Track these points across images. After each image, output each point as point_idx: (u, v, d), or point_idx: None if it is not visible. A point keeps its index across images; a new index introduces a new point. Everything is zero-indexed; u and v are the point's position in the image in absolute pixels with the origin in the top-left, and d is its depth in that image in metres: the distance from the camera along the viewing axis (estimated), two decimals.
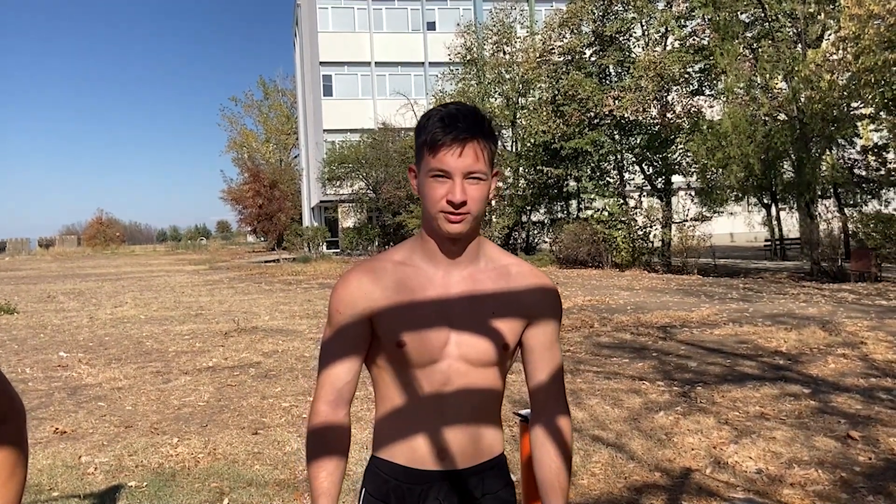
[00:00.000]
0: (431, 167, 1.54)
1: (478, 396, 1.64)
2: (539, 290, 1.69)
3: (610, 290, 16.57)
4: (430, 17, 45.03)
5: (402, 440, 1.64)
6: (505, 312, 1.64)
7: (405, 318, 1.60)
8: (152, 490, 4.61)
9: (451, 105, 1.58)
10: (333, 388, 1.62)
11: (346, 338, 1.63)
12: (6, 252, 70.81)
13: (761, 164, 18.80)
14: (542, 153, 27.12)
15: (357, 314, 1.61)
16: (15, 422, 1.43)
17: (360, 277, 1.64)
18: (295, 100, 62.52)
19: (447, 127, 1.52)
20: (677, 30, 22.91)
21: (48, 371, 8.85)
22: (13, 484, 1.40)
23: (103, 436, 5.92)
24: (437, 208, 1.55)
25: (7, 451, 1.39)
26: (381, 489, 1.65)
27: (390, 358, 1.63)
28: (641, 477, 4.58)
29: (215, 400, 7.10)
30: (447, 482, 1.63)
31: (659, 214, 23.84)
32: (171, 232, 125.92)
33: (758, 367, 7.83)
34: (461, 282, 1.64)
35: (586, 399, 6.56)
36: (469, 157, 1.52)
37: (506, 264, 1.69)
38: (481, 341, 1.61)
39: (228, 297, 17.86)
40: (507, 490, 1.72)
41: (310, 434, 1.62)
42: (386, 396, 1.66)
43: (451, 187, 1.53)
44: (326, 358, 1.65)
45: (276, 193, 53.54)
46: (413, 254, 1.67)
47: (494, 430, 1.72)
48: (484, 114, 1.60)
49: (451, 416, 1.62)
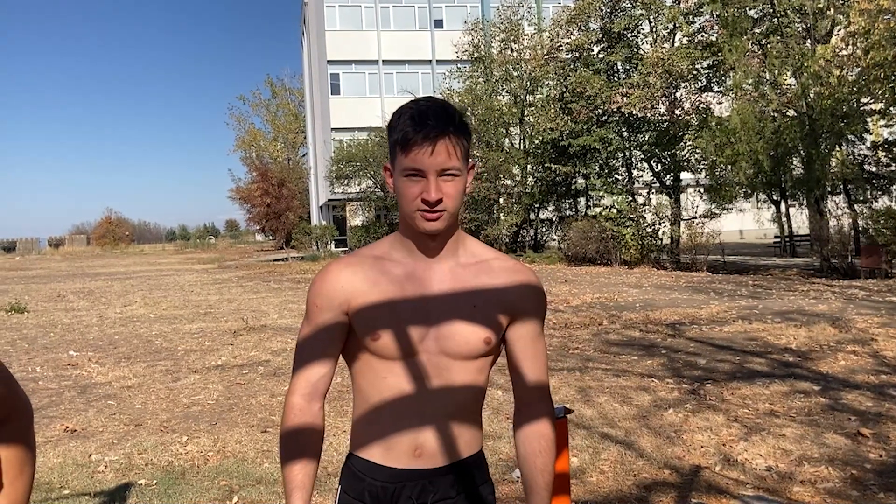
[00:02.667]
0: (405, 166, 1.52)
1: (458, 392, 1.62)
2: (522, 285, 1.67)
3: (619, 287, 16.53)
4: (438, 14, 45.00)
5: (378, 437, 1.62)
6: (486, 306, 1.62)
7: (382, 312, 1.58)
8: (162, 488, 4.63)
9: (422, 101, 1.56)
10: (308, 382, 1.62)
11: (322, 331, 1.62)
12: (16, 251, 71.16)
13: (770, 160, 18.74)
14: (551, 150, 27.09)
15: (334, 307, 1.61)
16: (22, 420, 1.43)
17: (338, 271, 1.63)
18: (302, 98, 62.58)
19: (417, 125, 1.50)
20: (685, 26, 22.84)
21: (58, 370, 8.89)
22: (22, 481, 1.40)
23: (113, 434, 5.95)
24: (413, 207, 1.54)
25: (15, 449, 1.40)
26: (357, 488, 1.64)
27: (367, 352, 1.61)
28: (651, 474, 4.57)
29: (224, 398, 7.11)
30: (422, 481, 1.61)
31: (668, 211, 23.78)
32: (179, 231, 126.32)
33: (767, 364, 7.80)
34: (441, 276, 1.62)
35: (595, 396, 6.55)
36: (441, 155, 1.50)
37: (487, 258, 1.68)
38: (462, 335, 1.59)
39: (237, 295, 17.90)
40: (484, 487, 1.70)
41: (284, 427, 1.61)
42: (363, 392, 1.64)
43: (425, 186, 1.51)
44: (302, 351, 1.65)
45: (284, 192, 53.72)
46: (392, 249, 1.66)
47: (474, 428, 1.70)
48: (455, 108, 1.57)
49: (430, 413, 1.60)
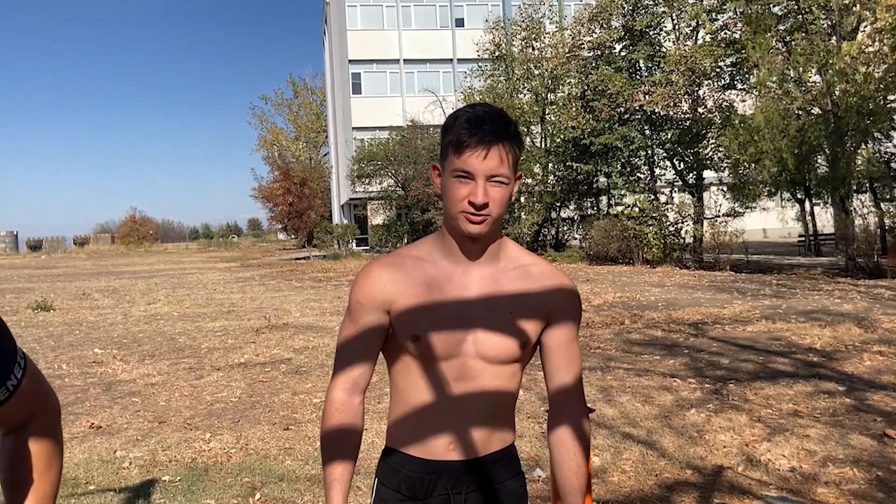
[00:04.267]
0: (455, 167, 1.56)
1: (493, 394, 1.66)
2: (558, 290, 1.70)
3: (641, 286, 16.45)
4: (459, 13, 45.00)
5: (415, 433, 1.68)
6: (523, 311, 1.65)
7: (422, 313, 1.62)
8: (186, 484, 4.67)
9: (479, 106, 1.59)
10: (350, 377, 1.66)
11: (363, 328, 1.67)
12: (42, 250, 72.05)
13: (795, 158, 18.54)
14: (572, 149, 26.99)
15: (376, 306, 1.65)
16: (49, 415, 1.46)
17: (380, 270, 1.68)
18: (324, 98, 62.81)
19: (473, 129, 1.53)
20: (708, 23, 22.66)
21: (83, 367, 8.99)
22: (50, 476, 1.43)
23: (137, 431, 6.01)
24: (459, 208, 1.57)
25: (43, 444, 1.42)
26: (393, 479, 1.69)
27: (406, 351, 1.66)
28: (673, 474, 4.55)
29: (247, 396, 7.16)
30: (457, 472, 1.66)
31: (690, 210, 23.62)
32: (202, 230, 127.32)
33: (791, 364, 7.73)
34: (480, 280, 1.66)
35: (617, 396, 6.53)
36: (493, 160, 1.54)
37: (526, 264, 1.71)
38: (499, 339, 1.63)
39: (259, 294, 18.01)
40: (516, 480, 1.74)
41: (325, 422, 1.66)
42: (400, 389, 1.69)
43: (473, 188, 1.55)
44: (344, 347, 1.70)
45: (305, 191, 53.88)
46: (433, 250, 1.69)
47: (506, 425, 1.74)
48: (510, 117, 1.61)
49: (465, 412, 1.65)
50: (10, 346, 1.30)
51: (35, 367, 1.40)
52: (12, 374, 1.30)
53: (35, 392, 1.38)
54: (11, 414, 1.35)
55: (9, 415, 1.35)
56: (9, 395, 1.30)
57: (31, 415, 1.40)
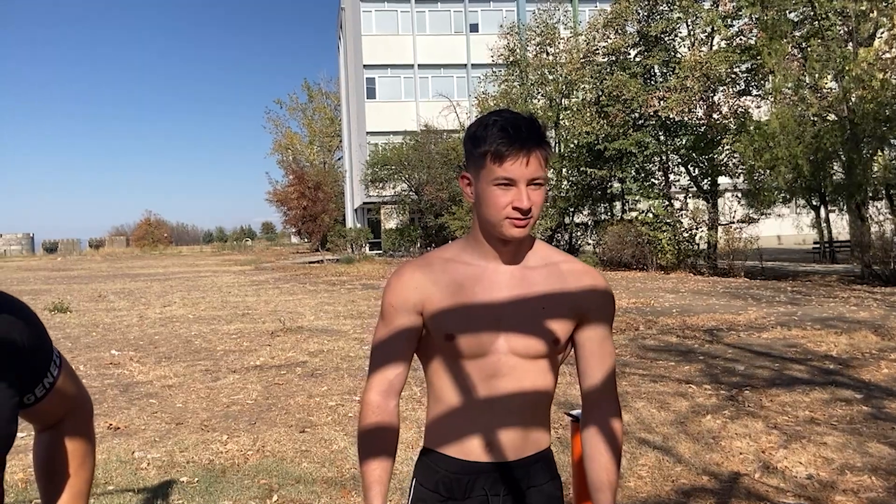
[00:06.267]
0: (497, 176, 1.58)
1: (527, 390, 1.67)
2: (590, 288, 1.71)
3: (655, 292, 16.41)
4: (473, 18, 45.06)
5: (452, 433, 1.70)
6: (555, 308, 1.67)
7: (455, 312, 1.65)
8: (203, 486, 4.70)
9: (506, 113, 1.63)
10: (385, 379, 1.68)
11: (397, 330, 1.69)
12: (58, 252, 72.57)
13: (810, 165, 18.46)
14: (586, 154, 26.95)
15: (409, 308, 1.68)
16: (84, 413, 1.49)
17: (412, 272, 1.70)
18: (338, 102, 63.02)
19: (512, 137, 1.57)
20: (724, 29, 22.62)
21: (101, 368, 9.06)
22: (84, 472, 1.46)
23: (155, 432, 6.05)
24: (503, 215, 1.60)
25: (77, 441, 1.45)
26: (431, 480, 1.71)
27: (441, 351, 1.68)
28: (689, 480, 4.55)
29: (263, 398, 7.20)
30: (494, 474, 1.68)
31: (705, 216, 23.55)
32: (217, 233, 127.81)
33: (807, 371, 7.70)
34: (511, 279, 1.68)
35: (632, 402, 6.52)
36: (534, 165, 1.58)
37: (556, 262, 1.73)
38: (530, 335, 1.65)
39: (274, 297, 18.07)
40: (552, 483, 1.75)
41: (362, 424, 1.68)
42: (437, 389, 1.72)
43: (516, 194, 1.58)
44: (378, 350, 1.71)
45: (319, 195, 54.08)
46: (463, 252, 1.72)
47: (542, 426, 1.75)
48: (539, 120, 1.65)
49: (500, 410, 1.66)
50: (47, 345, 1.34)
51: (70, 366, 1.43)
52: (48, 372, 1.33)
53: (70, 390, 1.42)
54: (48, 411, 1.38)
55: (45, 412, 1.38)
56: (45, 393, 1.34)
57: (66, 413, 1.43)
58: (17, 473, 4.88)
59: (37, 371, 1.31)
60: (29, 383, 1.29)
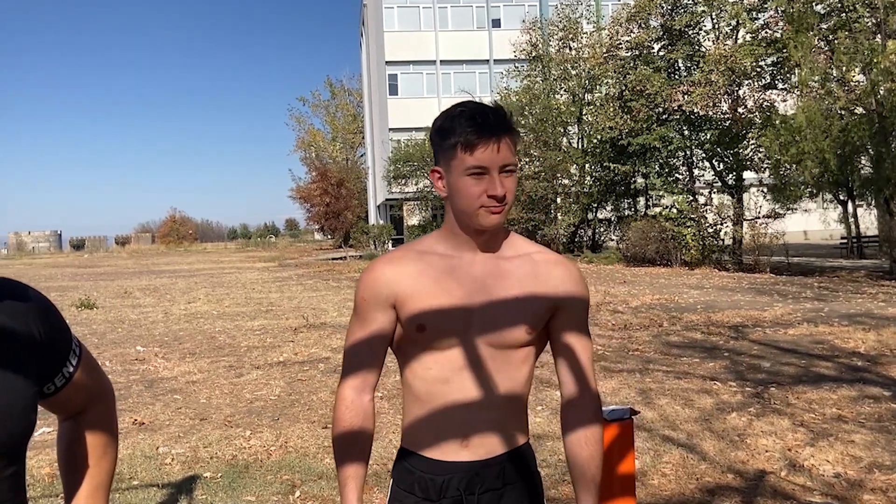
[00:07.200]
0: (469, 165, 1.59)
1: (503, 382, 1.66)
2: (564, 277, 1.71)
3: (679, 288, 16.29)
4: (495, 14, 44.91)
5: (427, 431, 1.68)
6: (528, 298, 1.66)
7: (426, 304, 1.64)
8: (226, 481, 4.73)
9: (470, 103, 1.64)
10: (359, 375, 1.68)
11: (370, 325, 1.69)
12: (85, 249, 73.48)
13: (837, 159, 18.20)
14: (609, 149, 26.81)
15: (381, 302, 1.67)
16: (105, 403, 1.50)
17: (383, 267, 1.70)
18: (361, 99, 63.11)
19: (481, 126, 1.57)
20: (749, 22, 22.34)
21: (126, 364, 9.15)
22: (105, 463, 1.46)
23: (179, 427, 6.10)
24: (478, 204, 1.60)
25: (98, 431, 1.46)
26: (407, 480, 1.70)
27: (414, 344, 1.67)
28: (714, 478, 4.50)
29: (286, 394, 7.23)
30: (469, 472, 1.66)
31: (730, 211, 23.31)
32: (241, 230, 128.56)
33: (834, 368, 7.59)
34: (484, 269, 1.68)
35: (656, 399, 6.47)
36: (505, 151, 1.59)
37: (530, 252, 1.73)
38: (503, 326, 1.65)
39: (297, 293, 18.16)
40: (529, 479, 1.74)
41: (336, 419, 1.68)
42: (411, 386, 1.70)
43: (489, 182, 1.59)
44: (352, 346, 1.71)
45: (342, 192, 54.26)
46: (437, 244, 1.72)
47: (519, 421, 1.74)
48: (505, 108, 1.65)
49: (476, 403, 1.65)
50: (67, 336, 1.35)
51: (90, 356, 1.44)
52: (68, 362, 1.34)
53: (91, 381, 1.43)
54: (68, 401, 1.39)
55: (66, 402, 1.39)
56: (65, 383, 1.35)
57: (87, 402, 1.44)
58: (44, 468, 4.94)
59: (56, 361, 1.31)
60: (48, 373, 1.30)
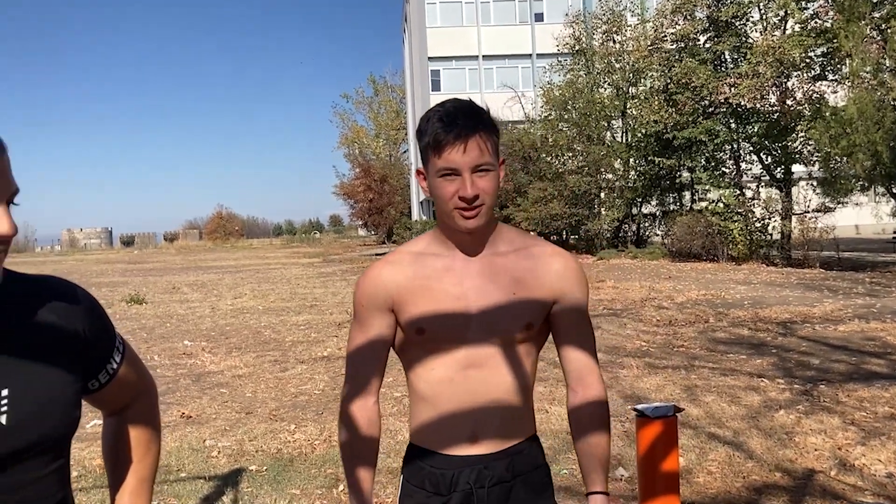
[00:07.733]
0: (439, 167, 1.59)
1: (506, 377, 1.67)
2: (562, 268, 1.72)
3: (725, 284, 16.04)
4: (538, 8, 44.63)
5: (434, 427, 1.70)
6: (526, 291, 1.67)
7: (425, 305, 1.65)
8: (271, 474, 4.79)
9: (448, 103, 1.63)
10: (362, 380, 1.70)
11: (370, 330, 1.71)
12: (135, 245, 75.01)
13: (890, 151, 17.73)
14: (654, 143, 26.50)
15: (379, 305, 1.69)
16: (148, 399, 1.53)
17: (379, 270, 1.71)
18: (404, 95, 63.27)
19: (448, 126, 1.56)
20: (798, 12, 21.88)
21: (174, 358, 9.32)
22: (149, 459, 1.50)
23: (225, 421, 6.20)
24: (451, 206, 1.59)
25: (142, 427, 1.49)
26: (417, 476, 1.72)
27: (416, 345, 1.69)
28: (761, 477, 4.43)
29: (330, 388, 7.29)
30: (478, 466, 1.67)
31: (778, 206, 22.87)
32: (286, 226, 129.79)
33: (887, 365, 7.41)
34: (480, 267, 1.68)
35: (702, 395, 6.39)
36: (474, 151, 1.57)
37: (526, 245, 1.73)
38: (503, 321, 1.65)
39: (341, 288, 18.30)
40: (538, 472, 1.75)
41: (341, 424, 1.71)
42: (415, 386, 1.72)
43: (460, 183, 1.57)
44: (354, 350, 1.73)
45: (385, 188, 54.43)
46: (431, 244, 1.72)
47: (525, 412, 1.75)
48: (481, 107, 1.64)
49: (481, 399, 1.66)
50: (110, 332, 1.38)
51: (134, 352, 1.47)
52: (111, 358, 1.37)
53: (134, 377, 1.46)
54: (113, 397, 1.42)
55: (110, 398, 1.42)
56: (109, 379, 1.37)
57: (131, 398, 1.47)
58: (96, 459, 5.05)
59: (100, 358, 1.34)
60: (92, 370, 1.33)
